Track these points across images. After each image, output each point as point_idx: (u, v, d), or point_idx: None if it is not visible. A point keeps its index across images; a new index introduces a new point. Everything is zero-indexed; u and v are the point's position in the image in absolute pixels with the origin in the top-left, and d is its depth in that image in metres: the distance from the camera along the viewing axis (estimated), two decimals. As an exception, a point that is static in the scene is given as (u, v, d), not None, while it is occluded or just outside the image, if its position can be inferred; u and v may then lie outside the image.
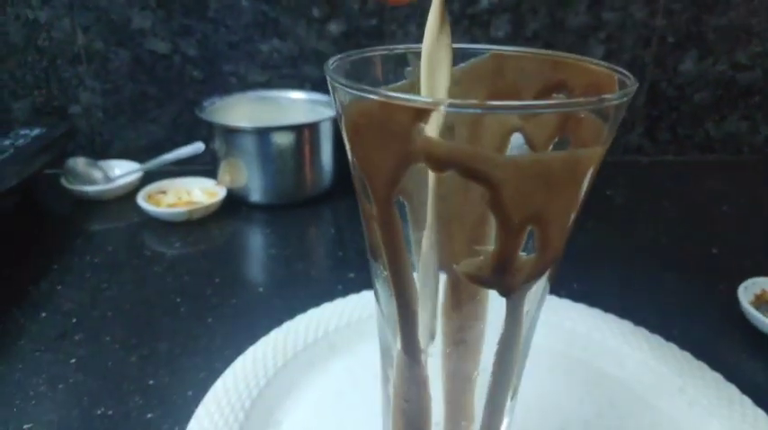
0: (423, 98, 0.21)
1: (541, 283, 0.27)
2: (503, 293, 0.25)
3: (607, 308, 0.57)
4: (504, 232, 0.23)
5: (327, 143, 0.83)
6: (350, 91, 0.23)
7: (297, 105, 0.90)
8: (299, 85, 0.93)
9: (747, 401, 0.46)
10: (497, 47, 0.32)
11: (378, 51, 0.31)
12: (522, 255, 0.25)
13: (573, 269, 0.66)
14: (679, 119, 1.03)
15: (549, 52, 0.31)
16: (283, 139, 0.79)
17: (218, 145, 0.81)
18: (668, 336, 0.54)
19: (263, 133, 0.78)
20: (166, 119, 0.92)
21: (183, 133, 0.92)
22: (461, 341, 0.27)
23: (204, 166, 0.85)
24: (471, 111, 0.22)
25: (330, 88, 0.26)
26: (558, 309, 0.56)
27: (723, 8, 0.95)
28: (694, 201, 0.91)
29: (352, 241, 0.73)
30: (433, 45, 0.24)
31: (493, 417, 0.29)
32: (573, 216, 0.25)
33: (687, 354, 0.51)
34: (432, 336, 0.28)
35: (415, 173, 0.29)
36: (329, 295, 0.58)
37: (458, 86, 0.31)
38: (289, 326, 0.52)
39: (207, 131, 0.83)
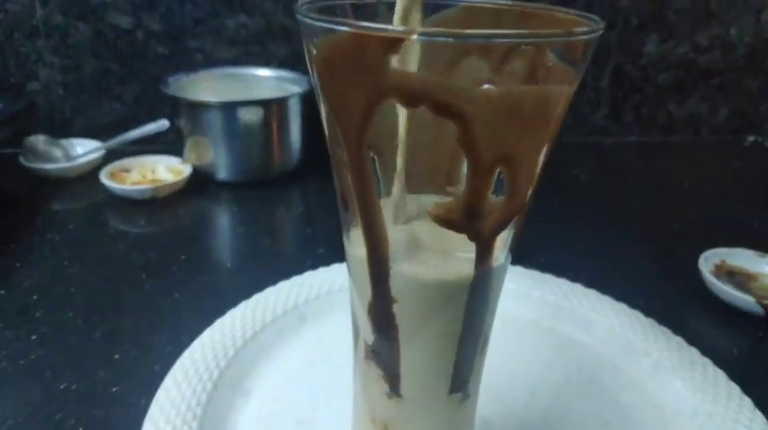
0: (395, 27, 0.20)
1: (511, 231, 0.27)
2: (473, 238, 0.25)
3: (574, 279, 0.58)
4: (475, 172, 0.23)
5: (296, 119, 0.82)
6: (321, 24, 0.22)
7: (264, 82, 0.89)
8: (266, 63, 0.91)
9: (708, 362, 0.47)
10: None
11: (348, 0, 0.30)
12: (492, 197, 0.25)
13: (540, 243, 0.67)
14: (643, 100, 1.05)
15: (520, 3, 0.31)
16: (250, 115, 0.78)
17: (183, 122, 0.79)
18: (633, 305, 0.55)
19: (229, 108, 0.76)
20: (129, 96, 0.90)
21: (146, 111, 0.90)
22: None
23: (169, 145, 0.84)
24: (443, 40, 0.22)
25: (301, 29, 0.25)
26: (526, 280, 0.57)
27: (684, -9, 0.97)
28: (657, 180, 0.93)
29: (322, 218, 0.73)
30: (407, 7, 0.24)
31: (462, 367, 0.29)
32: (541, 159, 0.25)
33: (652, 321, 0.53)
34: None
35: (386, 123, 0.28)
36: (299, 270, 0.58)
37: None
38: (258, 299, 0.52)
39: (172, 108, 0.81)
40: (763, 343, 0.54)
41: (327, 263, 0.60)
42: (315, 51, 0.23)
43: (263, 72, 0.90)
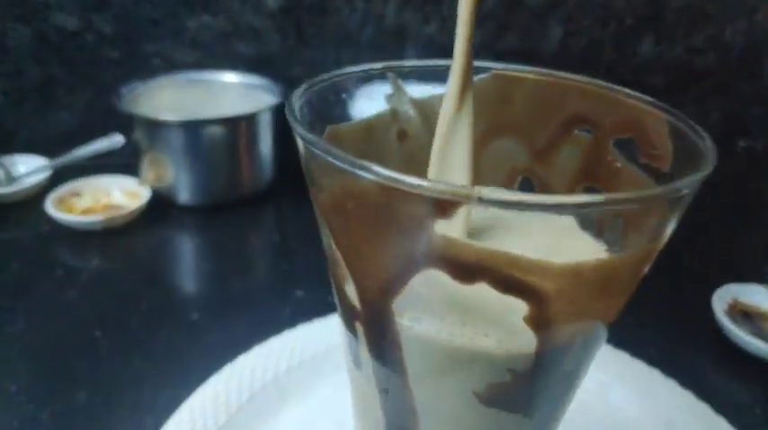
0: (446, 185, 0.14)
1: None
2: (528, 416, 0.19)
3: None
4: (543, 350, 0.17)
5: (267, 135, 0.74)
6: (332, 161, 0.15)
7: (230, 89, 0.80)
8: (233, 66, 0.83)
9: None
10: (500, 65, 0.25)
11: (346, 75, 0.23)
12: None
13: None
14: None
15: (566, 75, 0.24)
16: (216, 133, 0.70)
17: (139, 137, 0.71)
18: (644, 353, 0.50)
19: (192, 127, 0.68)
20: (79, 106, 0.81)
21: (98, 122, 0.80)
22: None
23: (125, 159, 0.75)
24: (512, 208, 0.15)
25: (296, 138, 0.18)
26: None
27: (679, -11, 0.92)
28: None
29: (299, 249, 0.66)
30: (452, 119, 0.18)
31: None
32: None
33: (672, 383, 0.48)
34: None
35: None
36: (275, 322, 0.51)
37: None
38: (231, 372, 0.45)
39: (127, 121, 0.72)
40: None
41: (307, 310, 0.54)
42: (321, 190, 0.16)
43: (229, 77, 0.81)
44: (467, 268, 0.15)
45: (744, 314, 0.58)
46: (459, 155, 0.20)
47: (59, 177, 0.72)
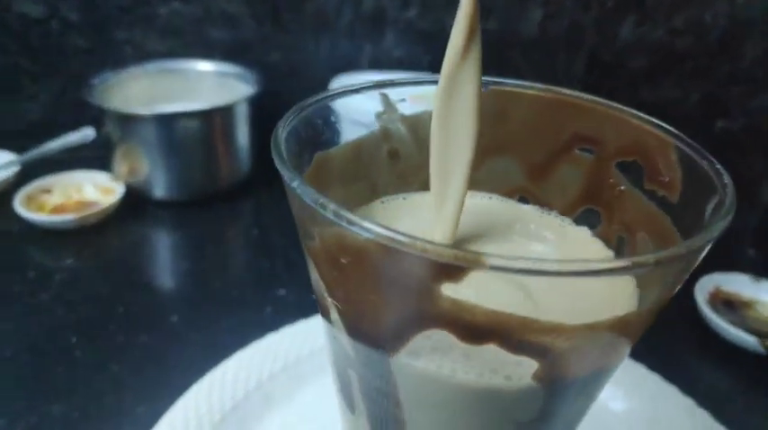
0: (453, 251, 0.12)
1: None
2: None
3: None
4: (550, 403, 0.16)
5: (243, 126, 0.72)
6: (326, 215, 0.14)
7: (205, 78, 0.78)
8: (207, 54, 0.80)
9: (721, 430, 0.43)
10: (497, 79, 0.24)
11: (332, 96, 0.22)
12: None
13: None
14: (616, 87, 0.99)
15: (567, 92, 0.23)
16: (191, 126, 0.67)
17: (112, 131, 0.68)
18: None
19: (166, 121, 0.66)
20: (46, 97, 0.78)
21: (68, 113, 0.77)
22: None
23: (96, 152, 0.72)
24: (526, 275, 0.14)
25: (283, 182, 0.17)
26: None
27: (660, -30, 0.91)
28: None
29: (280, 245, 0.64)
30: (456, 66, 0.16)
31: None
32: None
33: (656, 377, 0.48)
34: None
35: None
36: (257, 322, 0.50)
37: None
38: (212, 380, 0.43)
39: (98, 113, 0.69)
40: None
41: (289, 309, 0.53)
42: (312, 238, 0.15)
43: (204, 66, 0.78)
44: (476, 331, 0.14)
45: (725, 302, 0.59)
46: (465, 105, 0.19)
47: (28, 173, 0.69)
